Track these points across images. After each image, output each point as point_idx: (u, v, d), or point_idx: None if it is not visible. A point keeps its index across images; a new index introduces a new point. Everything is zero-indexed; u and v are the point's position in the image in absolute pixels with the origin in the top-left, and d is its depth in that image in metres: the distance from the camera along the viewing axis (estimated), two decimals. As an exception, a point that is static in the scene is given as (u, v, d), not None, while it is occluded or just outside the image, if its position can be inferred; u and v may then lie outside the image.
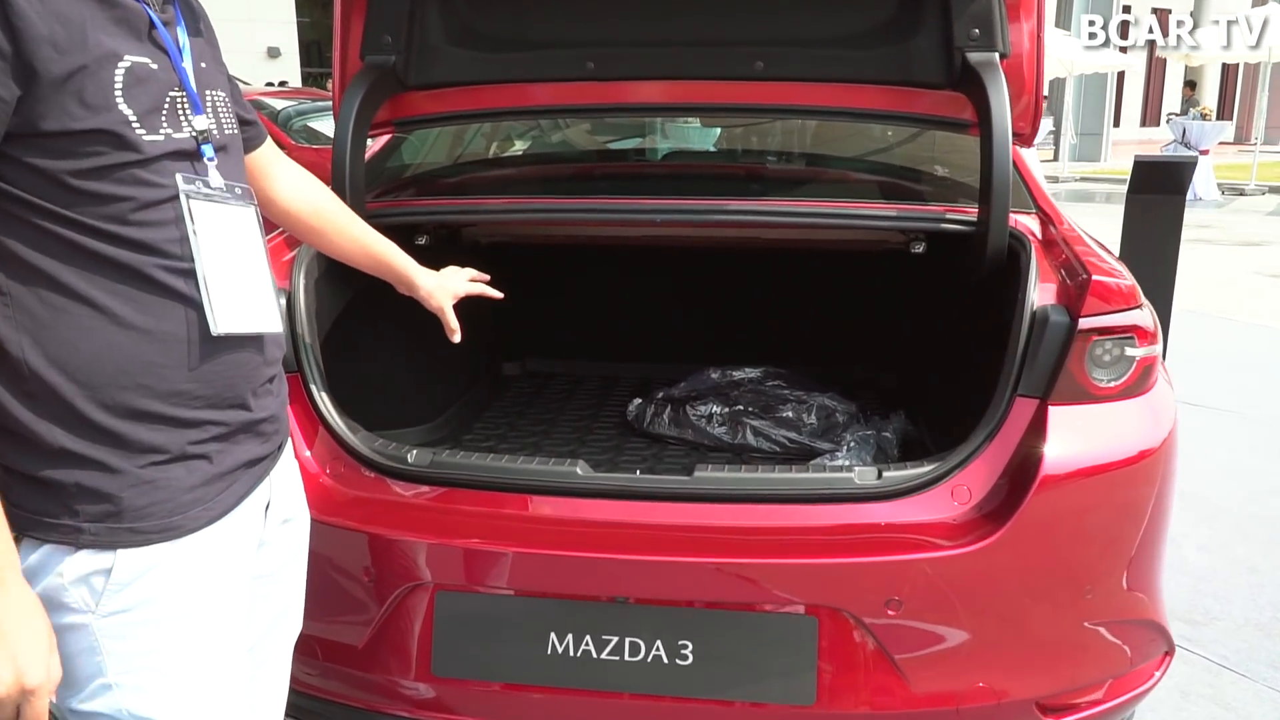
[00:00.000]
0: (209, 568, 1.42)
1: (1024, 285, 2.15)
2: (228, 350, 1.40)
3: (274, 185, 1.78)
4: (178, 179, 1.33)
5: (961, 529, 2.05)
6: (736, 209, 2.42)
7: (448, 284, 2.21)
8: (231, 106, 1.51)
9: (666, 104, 2.65)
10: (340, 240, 1.97)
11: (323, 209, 1.91)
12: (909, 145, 3.15)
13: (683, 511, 2.11)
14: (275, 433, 1.55)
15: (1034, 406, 2.10)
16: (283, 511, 1.64)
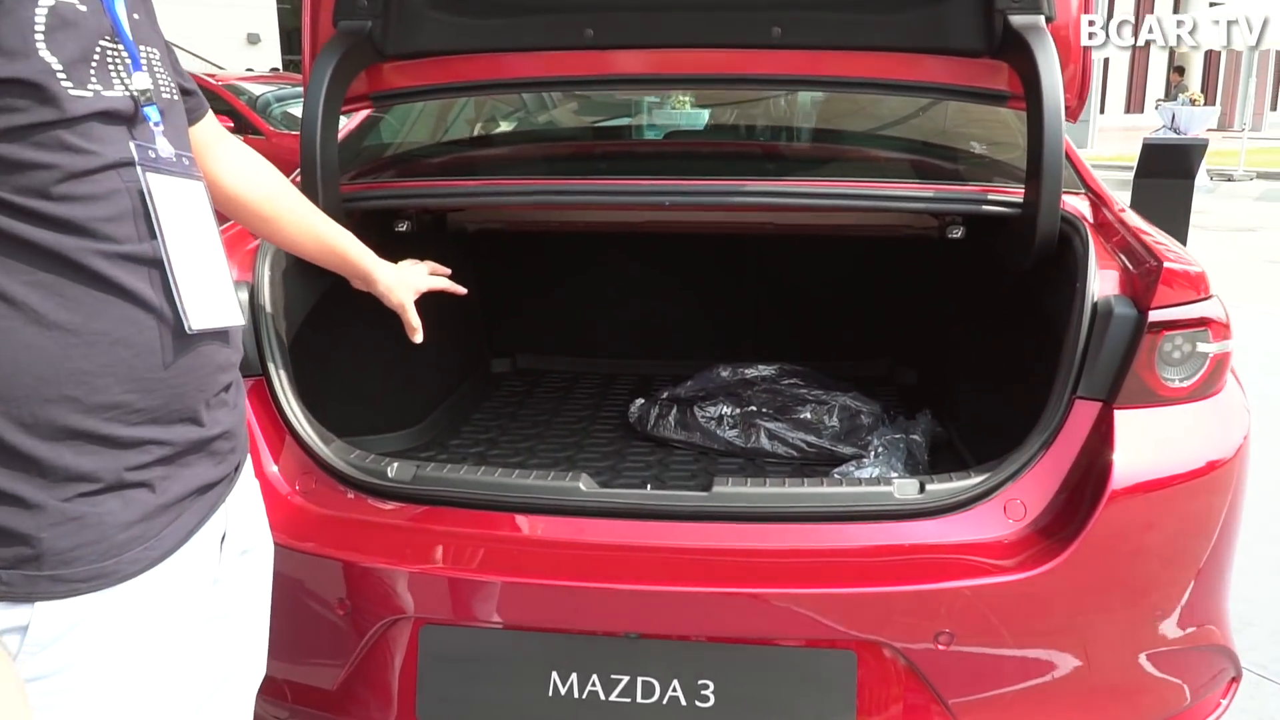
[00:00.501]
0: (150, 620, 1.17)
1: (1082, 274, 1.92)
2: (180, 352, 1.16)
3: (217, 166, 1.54)
4: (131, 147, 1.11)
5: (1015, 549, 1.82)
6: (754, 190, 2.17)
7: (408, 278, 2.01)
8: (170, 71, 1.27)
9: (672, 76, 2.39)
10: (291, 229, 1.74)
11: (273, 194, 1.67)
12: (939, 120, 2.89)
13: (700, 532, 1.87)
14: (231, 451, 1.30)
15: (1096, 410, 1.87)
16: (241, 542, 1.39)
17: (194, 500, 1.22)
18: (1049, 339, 2.11)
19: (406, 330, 1.98)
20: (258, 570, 1.47)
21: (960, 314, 2.89)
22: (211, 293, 1.21)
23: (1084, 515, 1.78)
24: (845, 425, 2.58)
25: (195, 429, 1.20)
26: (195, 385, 1.19)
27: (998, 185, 2.22)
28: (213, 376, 1.22)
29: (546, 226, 3.18)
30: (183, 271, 1.15)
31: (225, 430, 1.27)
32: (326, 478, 2.01)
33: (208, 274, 1.21)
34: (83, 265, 1.06)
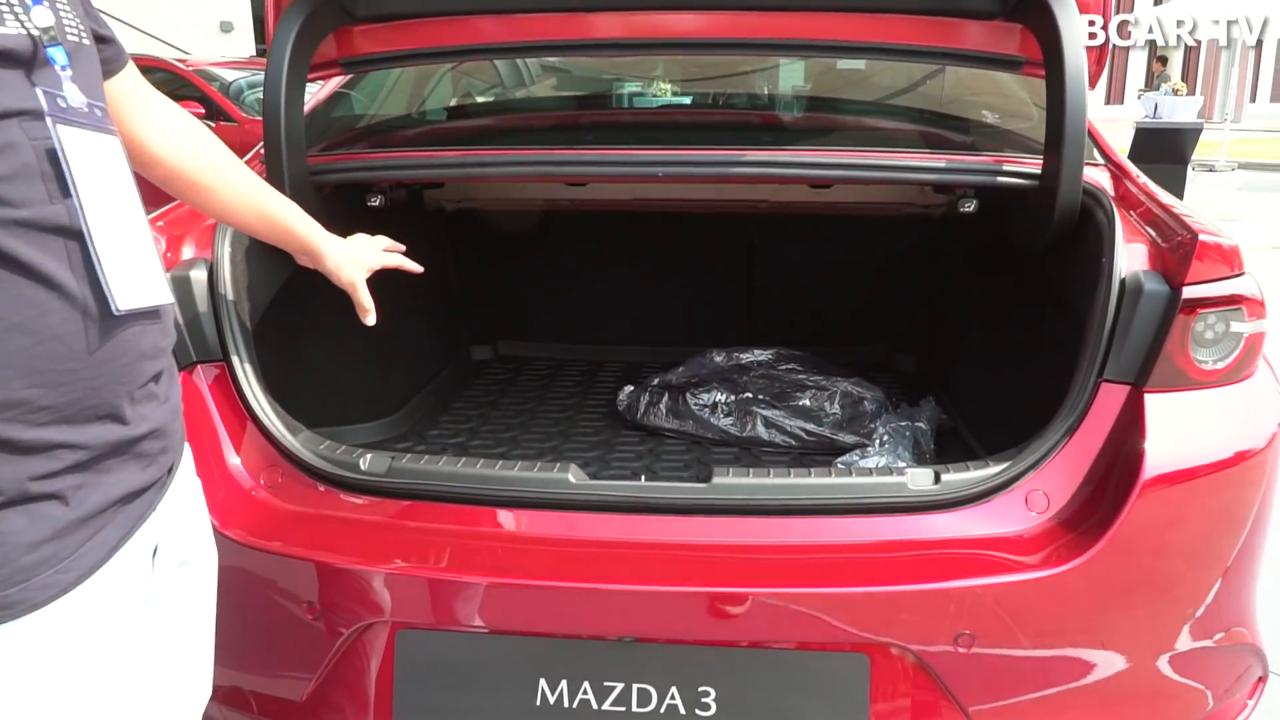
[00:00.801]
0: (67, 654, 1.01)
1: (1109, 248, 1.78)
2: (97, 339, 0.99)
3: (141, 126, 1.34)
4: (38, 94, 0.95)
5: (1037, 543, 1.69)
6: (754, 160, 2.02)
7: (359, 255, 1.84)
8: (80, 11, 1.10)
9: (661, 40, 2.23)
10: (227, 199, 1.55)
11: (206, 159, 1.48)
12: (943, 88, 2.75)
13: (699, 527, 1.73)
14: (163, 452, 1.14)
15: (1124, 394, 1.74)
16: (177, 553, 1.23)
17: (117, 511, 1.06)
18: (1067, 319, 1.98)
19: (358, 312, 1.83)
20: (198, 583, 1.31)
21: (964, 296, 2.76)
22: (138, 266, 1.05)
23: (1113, 507, 1.65)
24: (847, 413, 2.45)
25: (117, 428, 1.04)
26: (116, 377, 1.02)
27: (1012, 156, 2.09)
28: (137, 365, 1.06)
29: (528, 205, 3.03)
30: (104, 242, 0.99)
31: (154, 428, 1.10)
32: (294, 470, 1.86)
33: (132, 244, 1.05)
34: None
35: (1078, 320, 1.94)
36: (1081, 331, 1.84)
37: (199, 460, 1.83)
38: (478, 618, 1.67)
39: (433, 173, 2.20)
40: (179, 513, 1.21)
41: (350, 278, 1.80)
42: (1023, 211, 2.11)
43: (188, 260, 1.93)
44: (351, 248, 1.82)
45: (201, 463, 1.84)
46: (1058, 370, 2.06)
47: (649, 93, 3.12)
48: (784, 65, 2.97)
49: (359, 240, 1.87)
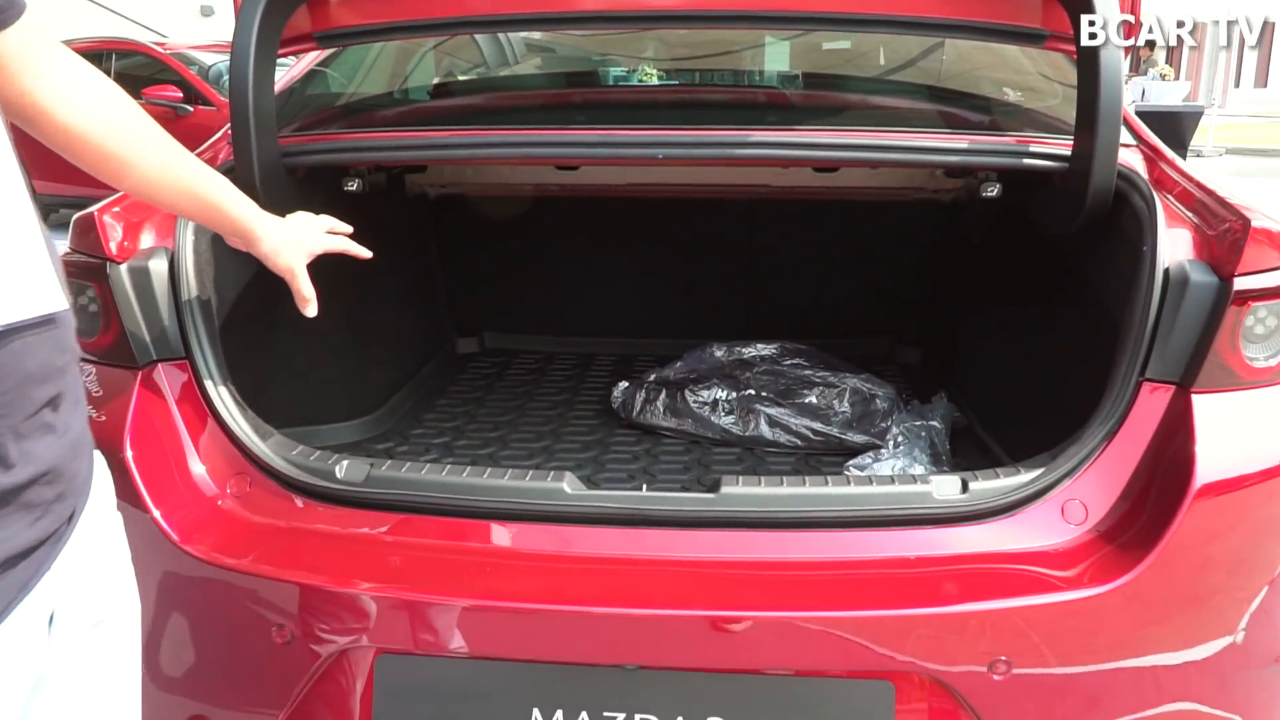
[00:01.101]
0: None
1: (1150, 235, 1.64)
2: None
3: (40, 87, 1.11)
4: None
5: (1076, 559, 1.55)
6: (761, 141, 1.87)
7: (299, 238, 1.67)
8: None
9: (659, 13, 2.07)
10: (147, 172, 1.33)
11: (120, 127, 1.24)
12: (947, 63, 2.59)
13: (707, 542, 1.58)
14: (59, 498, 0.94)
15: (1169, 395, 1.60)
16: (89, 613, 1.04)
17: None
18: (1097, 312, 1.85)
19: (297, 302, 1.67)
20: (116, 645, 1.10)
21: (977, 286, 2.62)
22: (16, 265, 0.86)
23: (1160, 519, 1.51)
24: (857, 411, 2.30)
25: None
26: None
27: (1037, 136, 1.94)
28: (21, 391, 0.87)
29: (517, 191, 2.87)
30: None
31: (45, 470, 0.91)
32: (263, 478, 1.70)
33: (10, 238, 0.86)
34: None
35: (1110, 313, 1.80)
36: (1118, 326, 1.70)
37: (158, 469, 1.69)
38: (465, 642, 1.52)
39: (414, 154, 2.04)
40: (87, 565, 1.01)
41: (287, 263, 1.63)
42: (1049, 196, 1.97)
43: (146, 249, 1.77)
44: (290, 230, 1.65)
45: (162, 471, 1.69)
46: (1086, 367, 1.92)
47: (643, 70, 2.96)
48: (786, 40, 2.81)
49: (298, 221, 1.69)
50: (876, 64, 2.80)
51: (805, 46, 2.88)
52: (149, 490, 1.64)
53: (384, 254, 2.77)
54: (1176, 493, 1.51)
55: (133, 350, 1.72)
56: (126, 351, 1.72)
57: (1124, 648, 1.49)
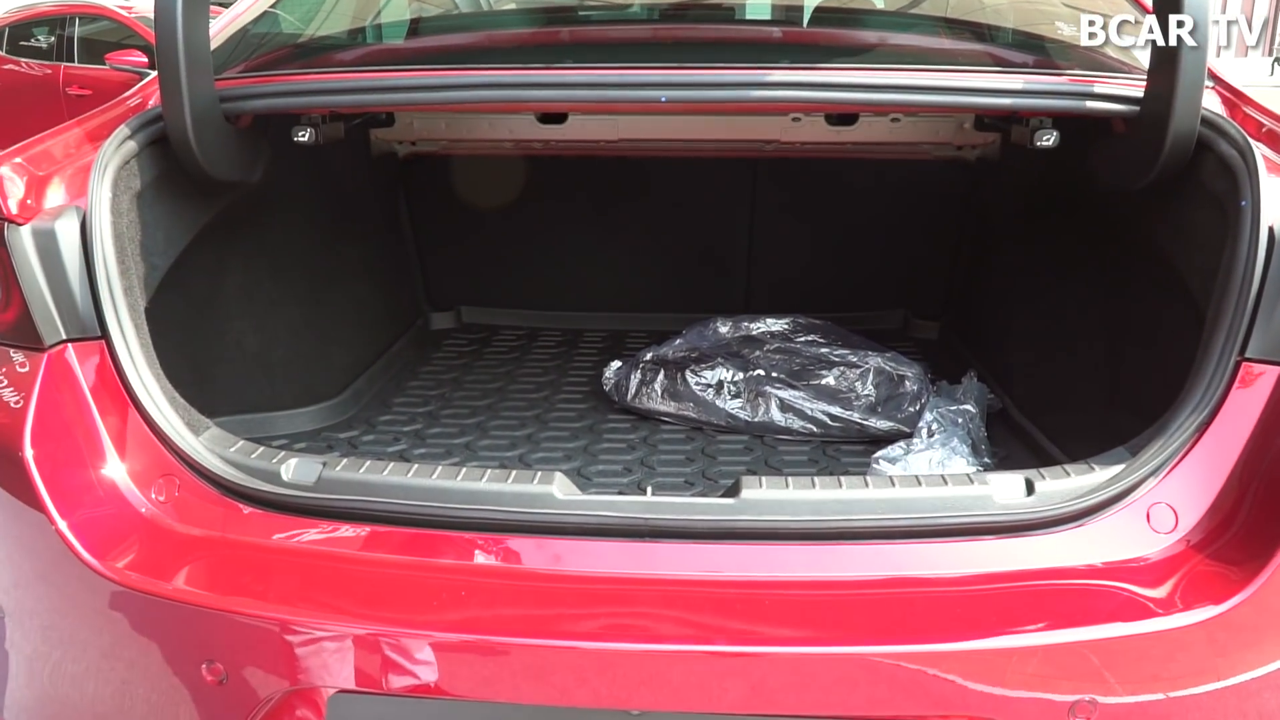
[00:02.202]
0: None
1: (1250, 191, 1.38)
2: None
3: None
4: None
5: (1165, 572, 1.30)
6: (784, 82, 1.59)
7: None
8: None
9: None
10: None
11: None
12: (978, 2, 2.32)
13: (725, 558, 1.32)
14: None
15: (1276, 377, 1.34)
16: None
17: None
18: (1171, 280, 1.59)
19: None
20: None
21: (1009, 253, 2.35)
22: None
23: (1271, 527, 1.26)
24: (882, 393, 2.04)
25: None
26: None
27: (1098, 74, 1.68)
28: None
29: (496, 147, 2.58)
30: None
31: None
32: (195, 481, 1.43)
33: None
34: None
35: (1184, 281, 1.54)
36: (1199, 297, 1.45)
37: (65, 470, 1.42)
38: (435, 680, 1.26)
39: (373, 98, 1.75)
40: None
41: None
42: (1113, 145, 1.71)
43: (54, 209, 1.49)
44: None
45: (71, 472, 1.41)
46: (1155, 343, 1.67)
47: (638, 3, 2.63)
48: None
49: None
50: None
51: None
52: (53, 495, 1.37)
53: (347, 219, 2.50)
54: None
55: (37, 328, 1.44)
56: (29, 330, 1.45)
57: (1236, 685, 1.24)
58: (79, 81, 8.38)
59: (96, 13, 9.49)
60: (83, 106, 8.00)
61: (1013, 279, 2.32)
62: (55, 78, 8.55)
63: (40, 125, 1.65)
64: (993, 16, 2.23)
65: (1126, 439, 1.43)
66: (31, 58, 8.72)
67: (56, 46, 8.76)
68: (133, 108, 1.79)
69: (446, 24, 2.58)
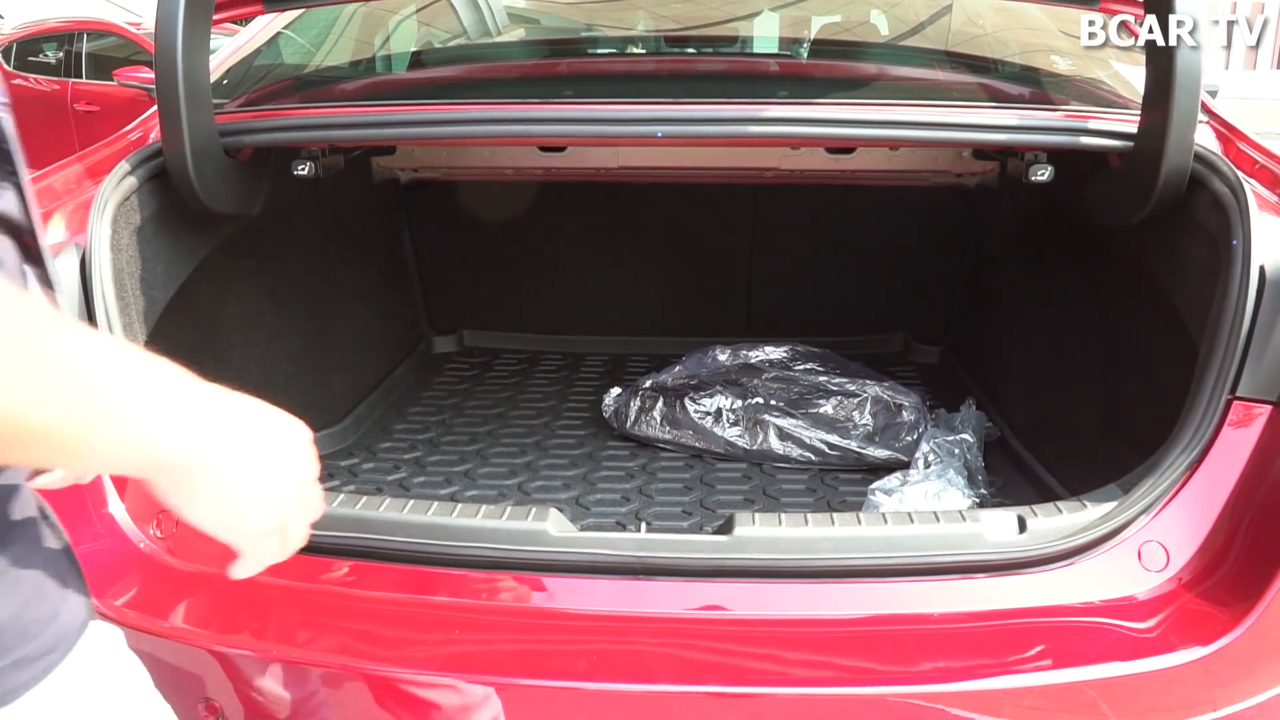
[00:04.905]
0: None
1: (1241, 227, 1.39)
2: None
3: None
4: None
5: (1156, 611, 1.30)
6: (778, 117, 1.61)
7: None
8: None
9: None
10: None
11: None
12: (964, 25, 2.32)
13: (719, 595, 1.33)
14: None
15: (1265, 416, 1.35)
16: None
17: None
18: (1167, 314, 1.60)
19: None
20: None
21: (1009, 281, 2.36)
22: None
23: (1265, 562, 1.26)
24: (880, 422, 2.05)
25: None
26: None
27: (1092, 109, 1.69)
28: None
29: (497, 174, 2.60)
30: None
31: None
32: (193, 517, 1.43)
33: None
34: None
35: (1180, 316, 1.55)
36: (1194, 333, 1.46)
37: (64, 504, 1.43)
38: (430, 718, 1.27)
39: (372, 133, 1.77)
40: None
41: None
42: (1107, 180, 1.72)
43: (53, 245, 1.49)
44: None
45: (70, 507, 1.43)
46: (1150, 376, 1.67)
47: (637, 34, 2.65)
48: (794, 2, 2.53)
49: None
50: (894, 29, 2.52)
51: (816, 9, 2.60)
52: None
53: (348, 246, 2.51)
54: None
55: (36, 366, 1.45)
56: (29, 367, 1.45)
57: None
58: (87, 97, 8.42)
59: (105, 29, 9.54)
60: (91, 122, 8.03)
61: (1011, 306, 2.32)
62: (64, 93, 8.59)
63: (49, 140, 1.66)
64: (992, 48, 2.24)
65: (1124, 471, 1.43)
66: (40, 73, 8.75)
67: (65, 62, 8.80)
68: (133, 142, 1.81)
69: (447, 56, 2.60)
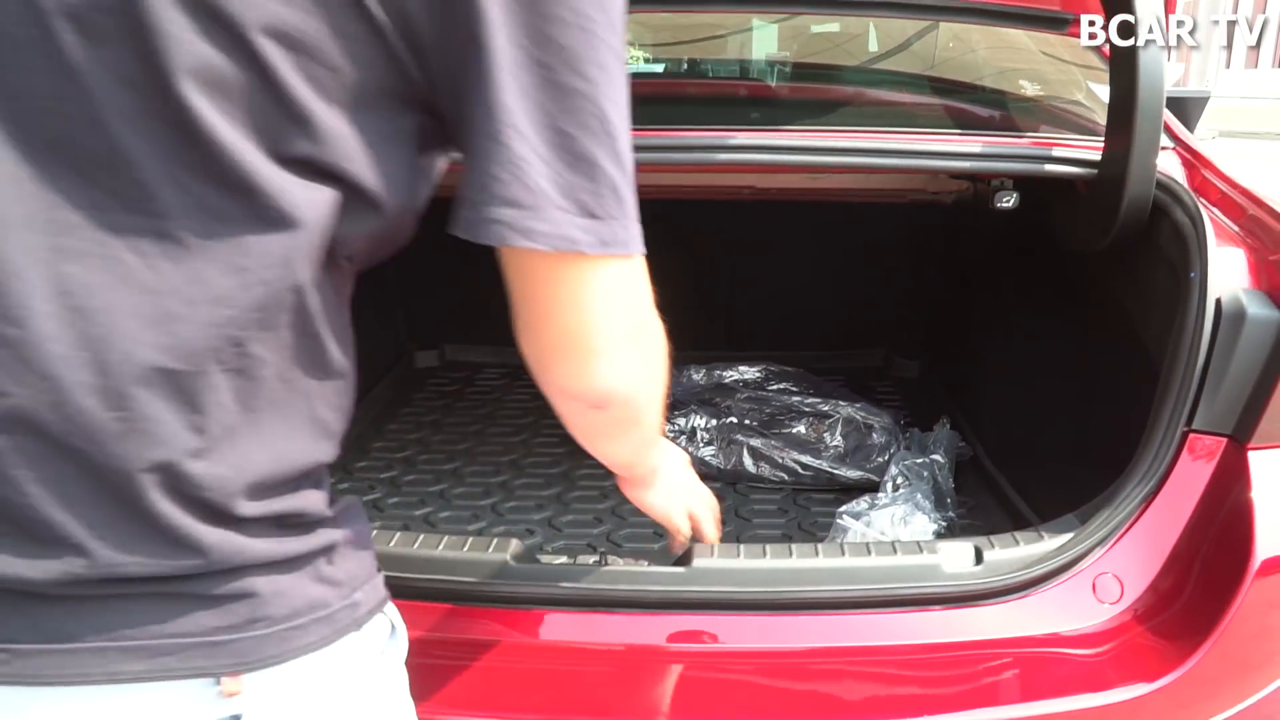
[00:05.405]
0: None
1: (1198, 259, 1.40)
2: None
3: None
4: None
5: (1112, 646, 1.31)
6: (745, 145, 1.61)
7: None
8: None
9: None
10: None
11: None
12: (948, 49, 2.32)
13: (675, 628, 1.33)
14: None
15: (1220, 450, 1.36)
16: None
17: None
18: (1133, 341, 1.60)
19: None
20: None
21: (988, 299, 2.37)
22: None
23: (1215, 599, 1.27)
24: (851, 443, 2.06)
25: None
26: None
27: (1059, 136, 1.70)
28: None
29: None
30: None
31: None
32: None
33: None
34: None
35: (1145, 344, 1.56)
36: (1157, 362, 1.46)
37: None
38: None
39: None
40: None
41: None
42: (1074, 206, 1.73)
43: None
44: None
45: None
46: (1116, 402, 1.68)
47: None
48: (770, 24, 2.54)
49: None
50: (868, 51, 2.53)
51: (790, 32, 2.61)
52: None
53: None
54: (1233, 570, 1.27)
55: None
56: None
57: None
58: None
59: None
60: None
61: (986, 324, 2.33)
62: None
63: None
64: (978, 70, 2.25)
65: (1093, 494, 1.44)
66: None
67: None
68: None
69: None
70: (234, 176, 0.62)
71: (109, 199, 0.61)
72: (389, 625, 0.83)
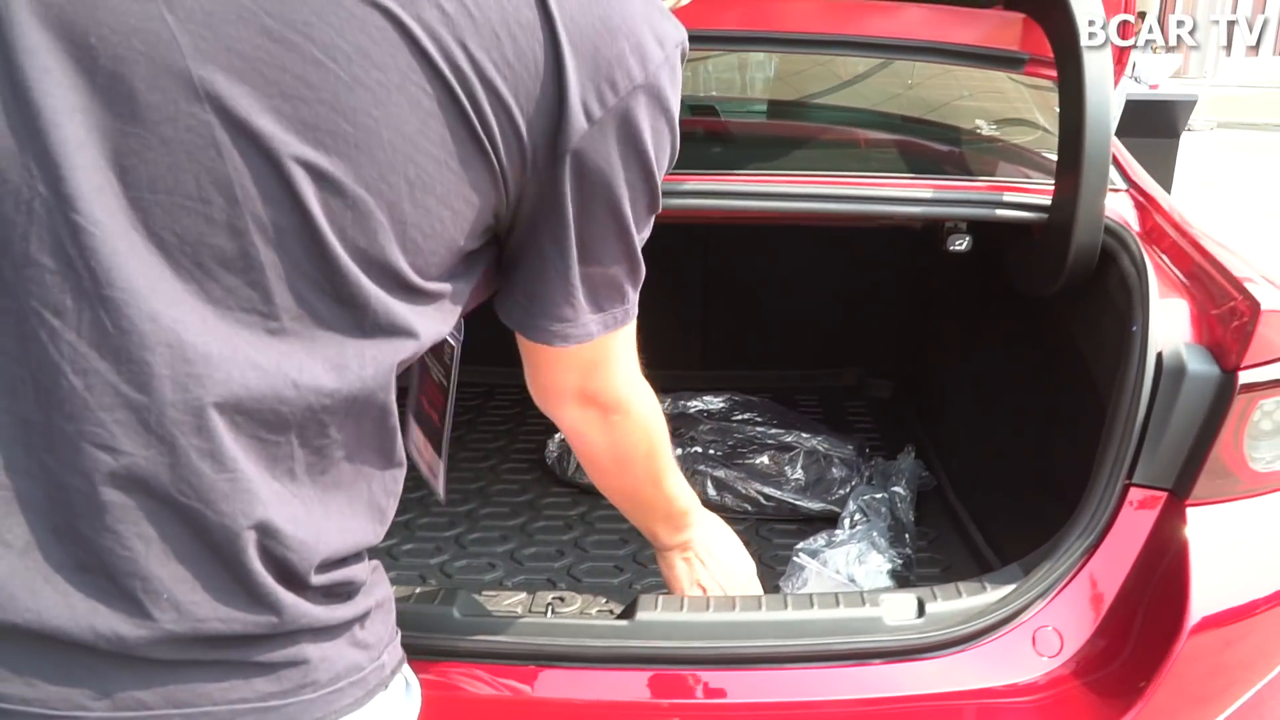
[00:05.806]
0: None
1: (1140, 313, 1.40)
2: None
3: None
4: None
5: (1050, 701, 1.32)
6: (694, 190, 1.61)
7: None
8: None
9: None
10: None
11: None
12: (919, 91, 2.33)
13: (617, 683, 1.34)
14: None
15: (1160, 504, 1.36)
16: None
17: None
18: (1082, 383, 1.61)
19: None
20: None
21: (953, 327, 2.37)
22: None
23: (1150, 657, 1.28)
24: (811, 476, 2.06)
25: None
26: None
27: (1013, 180, 1.70)
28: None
29: None
30: None
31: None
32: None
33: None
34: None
35: (1095, 390, 1.56)
36: (1103, 412, 1.46)
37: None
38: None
39: None
40: None
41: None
42: (1027, 250, 1.73)
43: None
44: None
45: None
46: (1074, 441, 1.69)
47: None
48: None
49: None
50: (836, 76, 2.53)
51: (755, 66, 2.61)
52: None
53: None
54: (1169, 627, 1.28)
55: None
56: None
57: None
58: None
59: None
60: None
61: (951, 352, 2.33)
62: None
63: None
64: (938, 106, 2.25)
65: (1050, 532, 1.44)
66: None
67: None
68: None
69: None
70: (350, 294, 0.71)
71: (226, 295, 0.68)
72: (404, 682, 0.88)
